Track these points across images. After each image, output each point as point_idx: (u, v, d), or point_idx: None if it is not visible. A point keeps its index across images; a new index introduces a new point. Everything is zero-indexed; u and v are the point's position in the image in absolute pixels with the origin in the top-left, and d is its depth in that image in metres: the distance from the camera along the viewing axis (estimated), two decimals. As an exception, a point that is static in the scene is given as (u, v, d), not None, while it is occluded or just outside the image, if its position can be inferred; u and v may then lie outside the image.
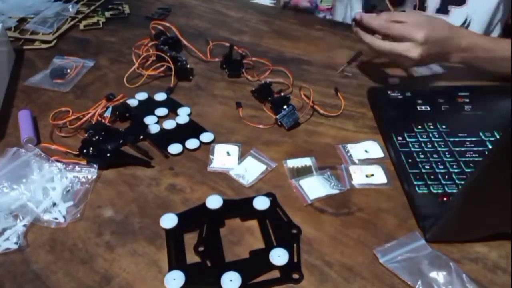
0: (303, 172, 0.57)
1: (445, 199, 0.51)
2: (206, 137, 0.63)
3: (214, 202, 0.52)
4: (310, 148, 0.61)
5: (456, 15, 0.84)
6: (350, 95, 0.72)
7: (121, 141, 0.61)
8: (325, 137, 0.64)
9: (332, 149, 0.61)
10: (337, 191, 0.54)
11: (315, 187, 0.54)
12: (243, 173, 0.57)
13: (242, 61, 0.78)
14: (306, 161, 0.59)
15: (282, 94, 0.69)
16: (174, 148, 0.60)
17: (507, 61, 0.66)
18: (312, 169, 0.57)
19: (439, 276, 0.43)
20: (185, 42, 0.82)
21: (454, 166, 0.55)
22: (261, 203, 0.52)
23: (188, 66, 0.77)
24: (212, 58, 0.82)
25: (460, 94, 0.68)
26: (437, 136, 0.60)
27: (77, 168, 0.56)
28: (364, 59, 0.78)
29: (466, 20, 0.84)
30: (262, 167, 0.57)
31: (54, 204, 0.52)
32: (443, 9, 0.85)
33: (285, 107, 0.64)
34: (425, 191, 0.52)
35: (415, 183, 0.53)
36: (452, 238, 0.48)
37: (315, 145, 0.62)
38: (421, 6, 0.86)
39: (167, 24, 0.84)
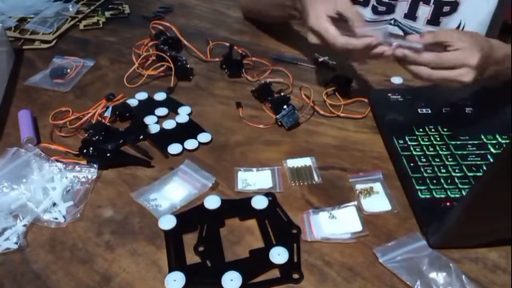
0: (303, 171, 0.57)
1: (448, 204, 0.51)
2: (204, 137, 0.63)
3: (212, 202, 0.52)
4: (310, 148, 0.61)
5: (448, 24, 0.84)
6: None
7: (121, 141, 0.61)
8: (325, 137, 0.64)
9: (332, 149, 0.61)
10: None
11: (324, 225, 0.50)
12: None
13: (242, 61, 0.78)
14: (306, 161, 0.58)
15: (282, 94, 0.70)
16: (174, 148, 0.60)
17: None
18: (312, 169, 0.57)
19: (438, 276, 0.44)
20: (185, 42, 0.82)
21: (457, 170, 0.55)
22: (260, 202, 0.52)
23: (188, 66, 0.77)
24: (212, 58, 0.82)
25: (461, 96, 0.68)
26: (438, 139, 0.59)
27: (77, 168, 0.56)
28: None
29: (459, 26, 0.84)
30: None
31: (54, 204, 0.52)
32: (434, 21, 0.84)
33: (285, 107, 0.64)
34: (428, 196, 0.52)
35: (417, 187, 0.53)
36: (456, 244, 0.47)
37: (315, 145, 0.62)
38: (412, 16, 0.86)
39: (167, 24, 0.84)
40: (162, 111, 0.68)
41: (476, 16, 0.82)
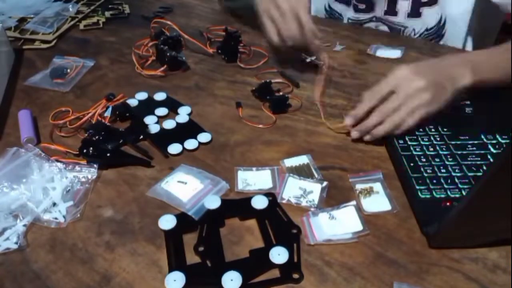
0: (303, 170, 0.57)
1: (448, 204, 0.51)
2: (204, 137, 0.63)
3: (212, 202, 0.52)
4: (311, 148, 0.61)
5: (429, 16, 0.84)
6: (350, 95, 0.72)
7: (121, 141, 0.61)
8: (325, 137, 0.64)
9: (332, 149, 0.61)
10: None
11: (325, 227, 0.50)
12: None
13: (237, 46, 0.81)
14: (303, 159, 0.59)
15: (282, 93, 0.70)
16: (174, 148, 0.60)
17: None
18: (311, 166, 0.57)
19: None
20: (186, 36, 0.82)
21: (457, 170, 0.55)
22: (260, 202, 0.52)
23: (179, 57, 0.78)
24: (213, 48, 0.83)
25: (460, 96, 0.67)
26: (438, 139, 0.59)
27: (77, 168, 0.56)
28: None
29: (441, 18, 0.84)
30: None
31: (54, 204, 0.52)
32: (415, 13, 0.85)
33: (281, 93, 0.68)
34: (428, 196, 0.52)
35: (417, 187, 0.53)
36: (456, 244, 0.47)
37: (315, 145, 0.62)
38: (392, 11, 0.87)
39: (168, 22, 0.84)
40: (162, 111, 0.68)
41: (456, 10, 0.83)
